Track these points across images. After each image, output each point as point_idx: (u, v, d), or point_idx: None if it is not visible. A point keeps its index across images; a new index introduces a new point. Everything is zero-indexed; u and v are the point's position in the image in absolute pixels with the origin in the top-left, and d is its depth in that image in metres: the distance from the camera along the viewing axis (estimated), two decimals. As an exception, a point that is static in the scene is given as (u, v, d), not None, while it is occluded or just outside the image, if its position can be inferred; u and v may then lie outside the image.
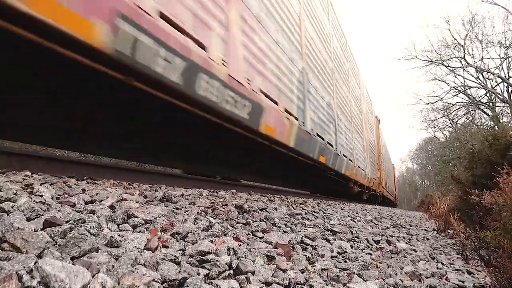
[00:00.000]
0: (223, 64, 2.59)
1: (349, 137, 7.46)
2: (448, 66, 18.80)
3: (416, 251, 2.13)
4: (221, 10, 2.62)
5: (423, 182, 44.33)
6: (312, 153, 4.63)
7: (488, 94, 18.41)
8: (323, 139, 5.20)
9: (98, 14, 1.56)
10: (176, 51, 2.06)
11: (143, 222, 1.21)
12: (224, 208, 1.88)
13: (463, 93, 19.22)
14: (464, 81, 18.97)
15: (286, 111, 3.83)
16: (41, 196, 1.20)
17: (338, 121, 6.39)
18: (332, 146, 5.73)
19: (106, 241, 0.94)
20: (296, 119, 4.11)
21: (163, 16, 1.97)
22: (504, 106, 17.74)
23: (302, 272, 1.16)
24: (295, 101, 4.15)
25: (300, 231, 1.86)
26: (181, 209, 1.63)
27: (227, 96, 2.62)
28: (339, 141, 6.37)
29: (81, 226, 0.98)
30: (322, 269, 1.23)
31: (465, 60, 18.13)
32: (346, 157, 6.83)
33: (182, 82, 2.12)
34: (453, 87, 19.13)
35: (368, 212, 4.98)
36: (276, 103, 3.56)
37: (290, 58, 4.15)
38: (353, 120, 8.06)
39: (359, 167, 8.25)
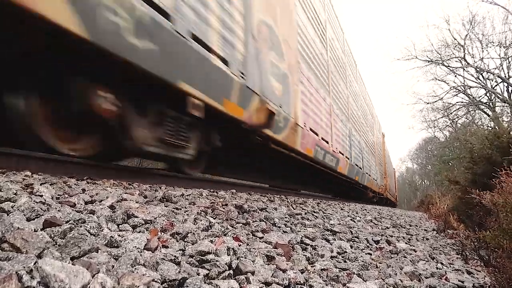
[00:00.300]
0: (331, 146, 6.04)
1: (368, 158, 10.61)
2: (448, 66, 18.81)
3: (415, 251, 2.13)
4: (329, 122, 6.08)
5: (423, 182, 44.33)
6: (352, 176, 8.00)
7: (488, 94, 18.42)
8: (357, 165, 8.56)
9: (313, 146, 4.90)
10: (323, 148, 5.39)
11: (143, 222, 1.21)
12: (224, 208, 1.88)
13: (463, 93, 19.25)
14: (464, 81, 18.99)
15: (346, 157, 7.27)
16: (41, 196, 1.20)
17: (363, 151, 9.77)
18: (361, 168, 9.02)
19: (106, 241, 0.94)
20: (348, 158, 7.47)
21: (322, 138, 5.46)
22: (504, 106, 17.75)
23: (302, 272, 1.16)
24: (347, 149, 7.58)
25: (300, 231, 1.86)
26: (181, 209, 1.63)
27: (331, 158, 5.99)
28: (364, 163, 9.61)
29: (81, 226, 0.98)
30: (322, 269, 1.23)
31: (465, 60, 18.14)
32: (367, 173, 9.99)
33: (322, 158, 5.44)
34: (453, 87, 19.15)
35: (368, 212, 4.98)
36: (342, 154, 6.93)
37: (345, 125, 7.49)
38: (370, 146, 11.26)
39: (374, 178, 11.46)
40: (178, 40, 2.16)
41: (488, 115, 18.73)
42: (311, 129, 4.86)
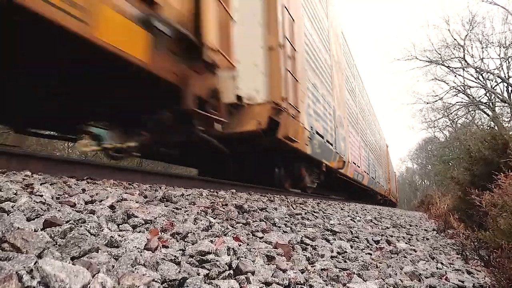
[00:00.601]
0: (360, 168, 9.24)
1: (378, 169, 13.78)
2: (448, 66, 18.79)
3: (416, 251, 2.14)
4: (359, 153, 9.52)
5: (423, 182, 44.33)
6: (370, 185, 11.04)
7: (488, 94, 18.41)
8: (373, 178, 11.63)
9: (353, 171, 8.31)
10: (357, 171, 8.75)
11: (143, 222, 1.21)
12: (224, 208, 1.88)
13: (463, 93, 19.22)
14: (464, 81, 18.97)
15: (367, 173, 10.22)
16: (41, 196, 1.20)
17: (375, 165, 13.04)
18: (374, 179, 12.09)
19: (106, 241, 0.94)
20: (368, 174, 10.50)
21: (357, 165, 8.81)
22: (504, 106, 17.75)
23: (302, 272, 1.16)
24: (367, 167, 10.59)
25: (300, 231, 1.86)
26: (181, 209, 1.63)
27: (361, 176, 9.30)
28: (376, 174, 12.76)
29: (81, 226, 0.98)
30: (322, 269, 1.23)
31: (465, 60, 18.12)
32: (377, 181, 13.13)
33: (356, 177, 8.77)
34: (453, 87, 19.13)
35: (368, 212, 4.98)
36: (365, 172, 10.06)
37: (366, 151, 10.57)
38: (378, 159, 14.41)
39: (381, 185, 14.61)
40: (324, 144, 5.45)
41: (488, 115, 18.73)
42: (353, 162, 8.18)
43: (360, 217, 3.56)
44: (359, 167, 8.94)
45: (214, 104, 2.42)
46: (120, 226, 1.14)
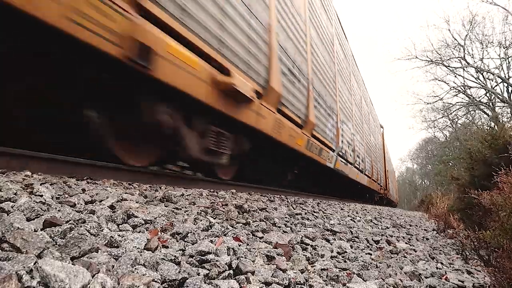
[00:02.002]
0: (391, 192, 19.83)
1: (392, 186, 19.12)
2: (448, 66, 18.80)
3: (415, 251, 2.14)
4: (392, 186, 21.30)
5: (423, 182, 44.34)
6: (392, 199, 19.47)
7: (488, 94, 18.42)
8: (391, 192, 18.65)
9: (388, 191, 18.47)
10: (392, 194, 20.84)
11: (143, 222, 1.21)
12: (224, 208, 1.88)
13: (463, 93, 19.24)
14: (464, 81, 18.98)
15: (391, 193, 20.06)
16: (41, 196, 1.20)
17: (393, 187, 21.06)
18: (394, 195, 19.67)
19: (106, 241, 0.94)
20: (391, 193, 19.40)
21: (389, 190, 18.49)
22: (504, 106, 17.76)
23: (302, 272, 1.16)
24: (392, 191, 20.07)
25: (300, 231, 1.86)
26: (181, 209, 1.63)
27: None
28: (393, 191, 19.66)
29: (81, 226, 0.98)
30: (322, 269, 1.23)
31: (465, 60, 18.14)
32: (393, 196, 19.10)
33: (391, 198, 19.64)
34: (453, 87, 19.14)
35: (368, 212, 4.98)
36: (391, 193, 19.89)
37: (390, 175, 20.09)
38: (394, 184, 21.96)
39: (394, 196, 20.42)
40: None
41: (488, 115, 18.74)
42: (391, 191, 17.46)
43: (360, 217, 3.56)
44: (392, 195, 18.18)
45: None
46: (120, 226, 1.14)
